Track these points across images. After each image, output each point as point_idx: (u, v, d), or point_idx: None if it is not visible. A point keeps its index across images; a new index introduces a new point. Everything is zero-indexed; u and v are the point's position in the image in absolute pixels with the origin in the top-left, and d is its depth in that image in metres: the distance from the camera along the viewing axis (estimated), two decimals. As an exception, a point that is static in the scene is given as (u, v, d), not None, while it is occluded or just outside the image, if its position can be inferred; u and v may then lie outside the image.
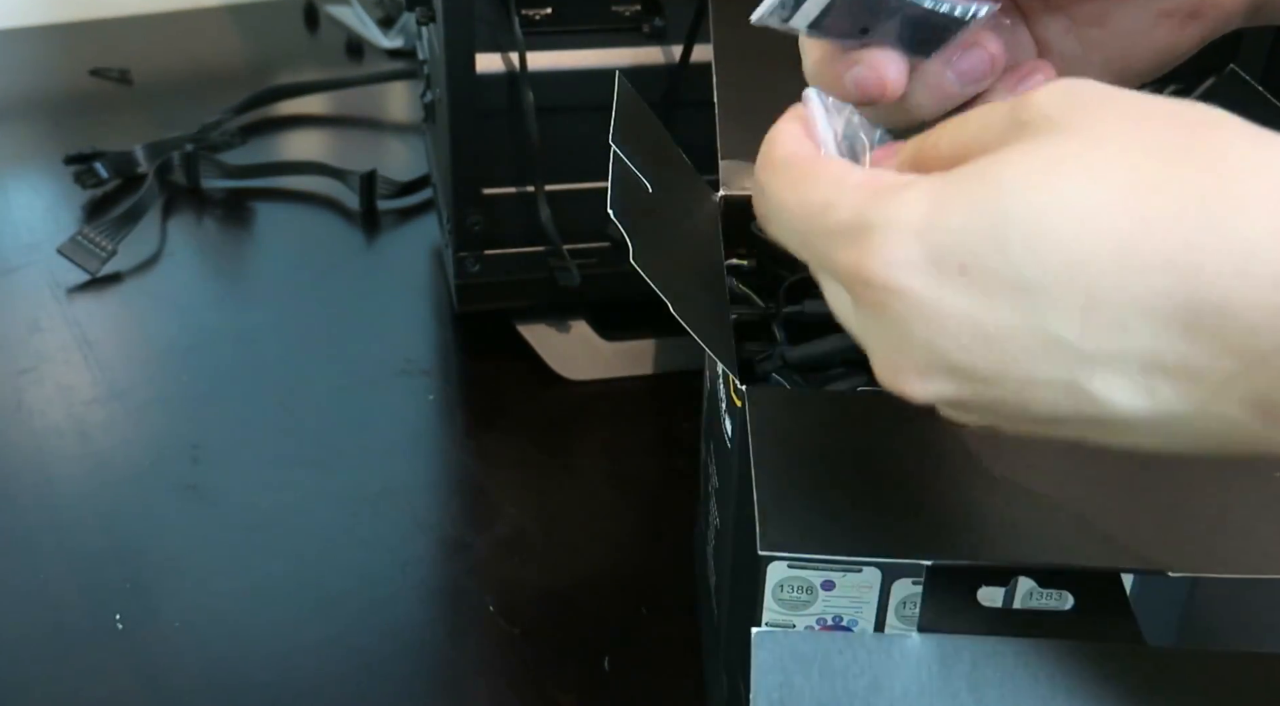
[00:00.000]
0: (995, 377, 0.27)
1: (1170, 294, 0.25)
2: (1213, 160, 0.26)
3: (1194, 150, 0.26)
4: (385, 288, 0.81)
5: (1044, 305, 0.26)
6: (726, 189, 0.50)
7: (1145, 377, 0.26)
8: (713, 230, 0.49)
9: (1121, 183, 0.26)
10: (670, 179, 0.48)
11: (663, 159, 0.48)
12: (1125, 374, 0.26)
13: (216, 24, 1.14)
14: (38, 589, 0.58)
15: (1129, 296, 0.25)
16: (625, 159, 0.44)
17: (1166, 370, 0.26)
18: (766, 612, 0.46)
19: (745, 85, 0.52)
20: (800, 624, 0.46)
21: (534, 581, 0.60)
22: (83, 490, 0.64)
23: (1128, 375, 0.26)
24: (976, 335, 0.27)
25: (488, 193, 0.68)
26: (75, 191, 0.87)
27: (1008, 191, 0.26)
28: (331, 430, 0.69)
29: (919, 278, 0.27)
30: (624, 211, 0.41)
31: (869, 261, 0.28)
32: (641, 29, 0.67)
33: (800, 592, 0.45)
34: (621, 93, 0.47)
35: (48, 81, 1.05)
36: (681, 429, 0.68)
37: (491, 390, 0.72)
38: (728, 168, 0.50)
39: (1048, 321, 0.26)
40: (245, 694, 0.54)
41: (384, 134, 1.00)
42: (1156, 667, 0.36)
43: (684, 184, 0.50)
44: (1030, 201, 0.26)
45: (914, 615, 0.46)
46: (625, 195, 0.43)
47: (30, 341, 0.74)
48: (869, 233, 0.28)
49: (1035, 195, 0.26)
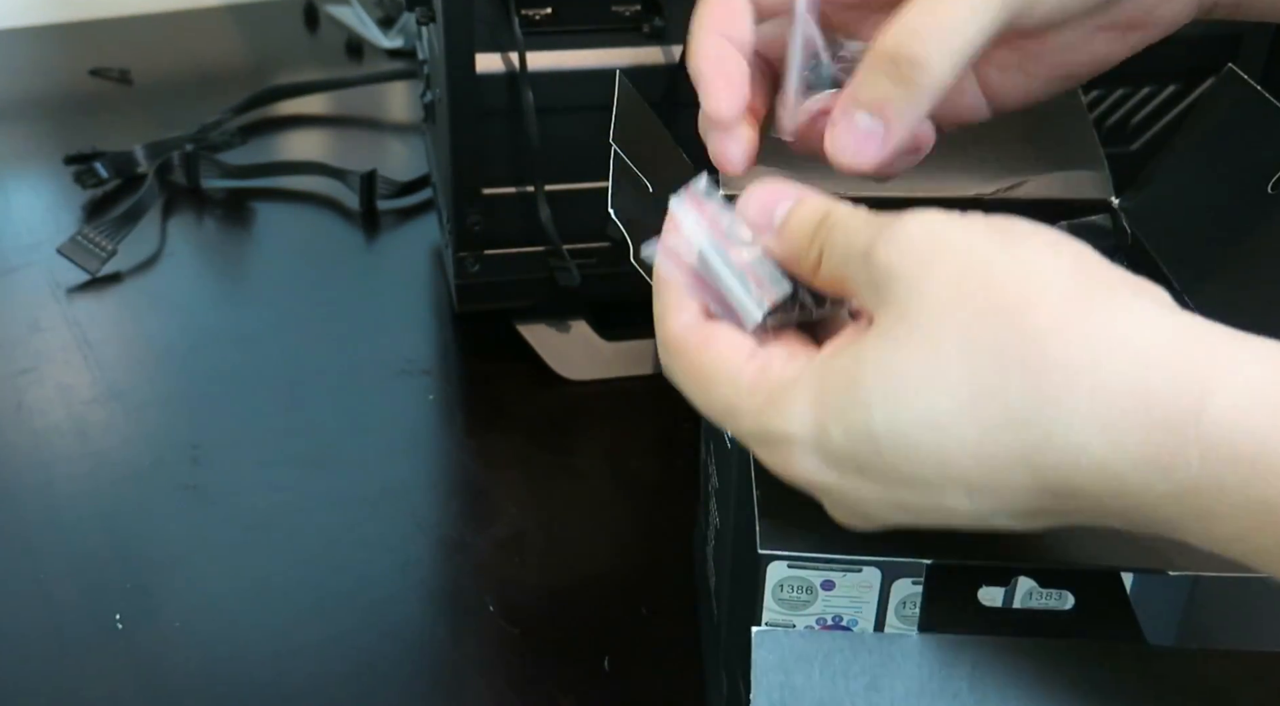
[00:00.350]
0: (922, 522, 0.33)
1: (1029, 484, 0.30)
2: (1038, 361, 0.30)
3: (1021, 349, 0.30)
4: (385, 288, 0.81)
5: (935, 492, 0.31)
6: (725, 189, 0.50)
7: (1027, 519, 0.32)
8: None
9: (963, 394, 0.30)
10: (671, 179, 0.48)
11: (663, 159, 0.48)
12: (1012, 518, 0.32)
13: (216, 24, 1.14)
14: (38, 589, 0.58)
15: (997, 483, 0.31)
16: (626, 158, 0.44)
17: (1038, 513, 0.32)
18: (766, 612, 0.46)
19: None
20: (800, 624, 0.46)
21: (534, 581, 0.60)
22: (83, 490, 0.64)
23: (1014, 518, 0.32)
24: (895, 506, 0.32)
25: (488, 193, 0.68)
26: (75, 191, 0.87)
27: (874, 411, 0.31)
28: (331, 430, 0.69)
29: (831, 476, 0.33)
30: (624, 211, 0.41)
31: (788, 471, 0.33)
32: (641, 29, 0.67)
33: (800, 592, 0.45)
34: (622, 92, 0.47)
35: (48, 81, 1.05)
36: (681, 429, 0.68)
37: (491, 390, 0.72)
38: None
39: (944, 500, 0.31)
40: (245, 694, 0.54)
41: (384, 134, 1.00)
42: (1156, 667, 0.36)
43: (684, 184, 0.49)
44: (892, 421, 0.31)
45: (914, 615, 0.46)
46: (625, 194, 0.43)
47: (30, 341, 0.74)
48: (776, 445, 0.33)
49: (895, 414, 0.31)
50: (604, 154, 0.43)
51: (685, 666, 0.55)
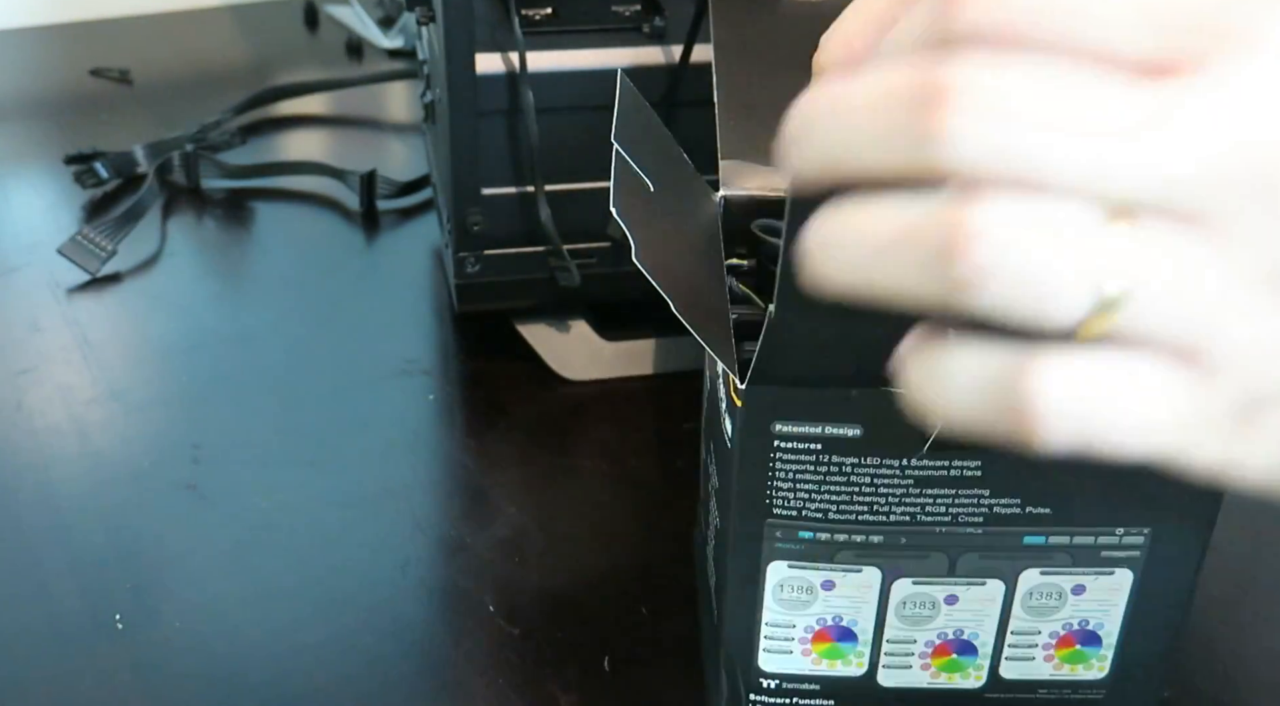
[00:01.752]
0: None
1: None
2: None
3: None
4: (385, 288, 0.81)
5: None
6: (726, 189, 0.50)
7: None
8: (713, 230, 0.49)
9: None
10: (672, 178, 0.48)
11: (664, 158, 0.49)
12: None
13: (216, 24, 1.14)
14: (38, 589, 0.58)
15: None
16: (627, 157, 0.44)
17: None
18: (767, 612, 0.46)
19: (745, 85, 0.52)
20: (800, 624, 0.46)
21: (534, 581, 0.60)
22: (83, 490, 0.64)
23: None
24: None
25: (488, 193, 0.68)
26: (75, 191, 0.87)
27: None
28: (331, 430, 0.69)
29: None
30: (626, 210, 0.41)
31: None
32: (641, 29, 0.67)
33: (800, 592, 0.45)
34: (623, 91, 0.47)
35: (48, 81, 1.05)
36: (681, 429, 0.68)
37: (491, 390, 0.72)
38: (728, 168, 0.50)
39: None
40: (245, 693, 0.54)
41: (384, 134, 1.00)
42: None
43: (685, 183, 0.50)
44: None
45: (914, 615, 0.46)
46: (627, 194, 0.43)
47: (30, 341, 0.74)
48: None
49: None
50: (604, 154, 0.43)
51: (685, 666, 0.55)
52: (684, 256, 0.45)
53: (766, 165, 0.50)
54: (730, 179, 0.50)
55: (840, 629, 0.46)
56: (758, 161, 0.50)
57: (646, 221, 0.43)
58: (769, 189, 0.50)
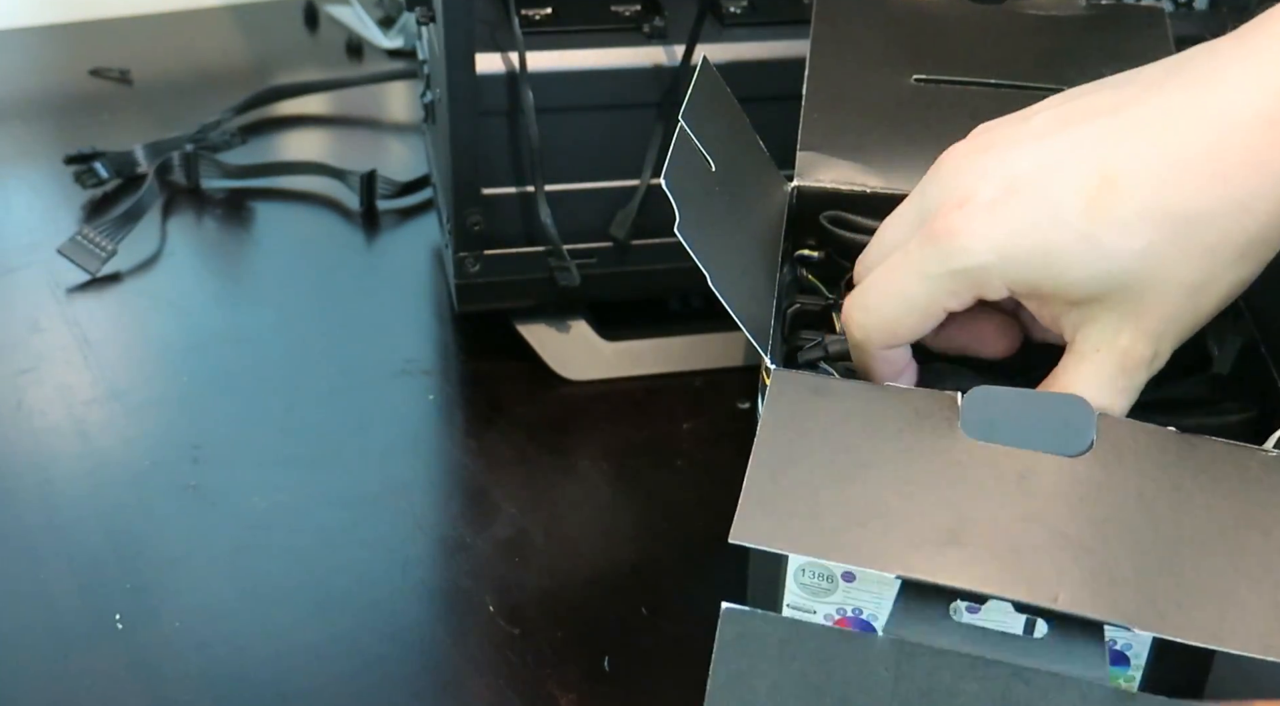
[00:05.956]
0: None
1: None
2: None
3: None
4: (385, 288, 0.81)
5: None
6: (800, 179, 0.50)
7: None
8: (778, 217, 0.49)
9: None
10: (742, 162, 0.48)
11: (737, 142, 0.49)
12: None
13: (216, 24, 1.14)
14: (38, 589, 0.58)
15: None
16: (692, 135, 0.44)
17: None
18: (788, 595, 0.46)
19: (834, 81, 0.53)
20: (820, 612, 0.46)
21: (534, 581, 0.60)
22: (83, 490, 0.64)
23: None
24: None
25: (488, 193, 0.68)
26: (75, 191, 0.87)
27: None
28: (331, 430, 0.69)
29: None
30: (676, 182, 0.42)
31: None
32: (641, 29, 0.67)
33: (821, 579, 0.45)
34: (702, 73, 0.47)
35: (48, 81, 1.05)
36: (681, 429, 0.68)
37: (491, 390, 0.72)
38: (804, 159, 0.51)
39: None
40: (245, 693, 0.54)
41: (384, 134, 1.00)
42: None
43: (756, 169, 0.50)
44: None
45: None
46: (680, 168, 0.43)
47: (30, 341, 0.74)
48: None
49: None
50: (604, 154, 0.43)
51: (685, 666, 0.55)
52: (739, 237, 0.46)
53: (844, 159, 0.51)
54: (806, 170, 0.51)
55: (860, 622, 0.46)
56: (835, 155, 0.51)
57: (697, 198, 0.43)
58: (843, 182, 0.50)
